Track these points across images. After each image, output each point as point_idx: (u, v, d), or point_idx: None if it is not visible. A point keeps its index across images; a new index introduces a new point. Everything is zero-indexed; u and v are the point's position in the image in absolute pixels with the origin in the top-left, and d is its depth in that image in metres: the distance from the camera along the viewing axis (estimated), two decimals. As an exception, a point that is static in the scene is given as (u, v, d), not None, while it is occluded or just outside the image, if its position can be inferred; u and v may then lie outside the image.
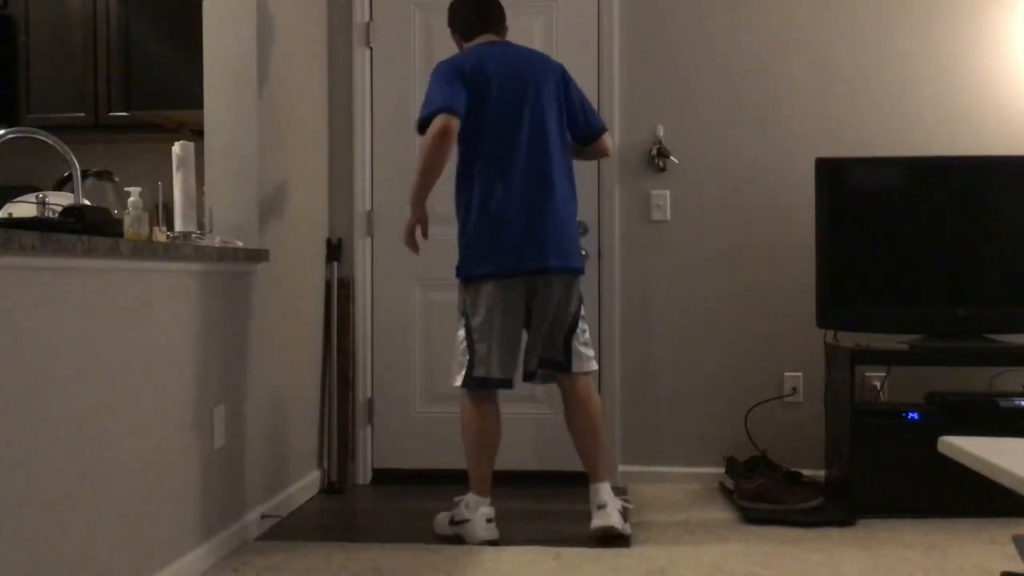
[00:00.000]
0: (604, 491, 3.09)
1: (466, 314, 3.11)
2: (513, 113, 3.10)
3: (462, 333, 3.11)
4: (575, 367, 3.13)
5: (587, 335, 3.19)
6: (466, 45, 3.27)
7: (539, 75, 3.17)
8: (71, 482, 2.14)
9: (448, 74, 3.07)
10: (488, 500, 3.13)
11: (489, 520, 3.10)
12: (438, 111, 3.00)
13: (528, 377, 3.23)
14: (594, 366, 3.20)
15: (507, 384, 3.14)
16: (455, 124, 3.01)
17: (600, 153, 3.38)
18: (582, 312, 3.19)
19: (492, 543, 3.05)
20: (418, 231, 3.20)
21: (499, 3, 3.31)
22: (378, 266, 4.06)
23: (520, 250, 3.06)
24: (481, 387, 3.11)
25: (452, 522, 3.13)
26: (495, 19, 3.28)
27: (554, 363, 3.16)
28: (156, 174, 3.14)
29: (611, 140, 3.38)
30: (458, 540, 3.08)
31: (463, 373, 3.09)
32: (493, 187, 3.07)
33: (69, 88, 4.05)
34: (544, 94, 3.15)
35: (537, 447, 3.96)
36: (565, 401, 3.20)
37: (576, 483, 3.79)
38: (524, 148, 3.09)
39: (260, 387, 3.26)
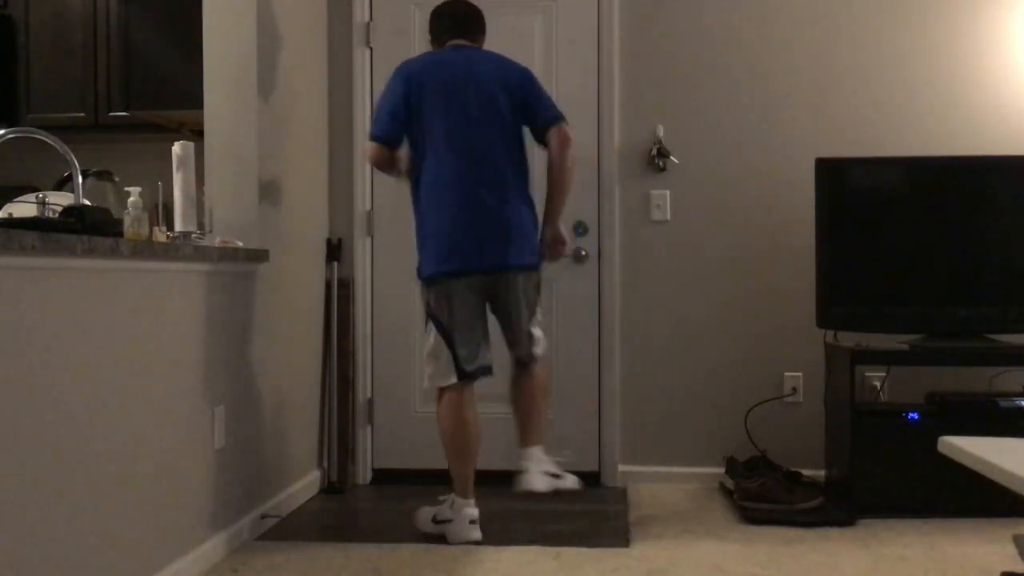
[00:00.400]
0: (530, 456, 3.16)
1: (434, 312, 3.13)
2: (453, 117, 3.11)
3: (434, 333, 3.12)
4: (537, 352, 3.22)
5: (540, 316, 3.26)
6: (437, 47, 3.30)
7: (486, 80, 3.15)
8: (70, 482, 2.14)
9: (392, 88, 3.16)
10: (472, 501, 3.14)
11: (472, 521, 3.11)
12: (372, 137, 3.18)
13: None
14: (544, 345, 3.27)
15: (490, 370, 3.20)
16: (383, 153, 3.16)
17: (560, 146, 3.14)
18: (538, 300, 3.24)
19: (475, 543, 3.07)
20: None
21: (477, 11, 3.30)
22: (378, 266, 4.06)
23: (479, 249, 3.08)
24: (471, 379, 3.13)
25: (435, 520, 3.16)
26: (467, 27, 3.28)
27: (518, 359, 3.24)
28: (156, 174, 3.14)
29: (569, 130, 3.17)
30: (440, 539, 3.09)
31: (454, 370, 3.10)
32: (437, 190, 3.11)
33: (69, 88, 4.04)
34: (489, 98, 3.12)
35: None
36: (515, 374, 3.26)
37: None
38: (466, 150, 3.10)
39: (260, 387, 3.26)
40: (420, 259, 3.19)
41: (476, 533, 3.10)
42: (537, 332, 3.22)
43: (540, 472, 3.12)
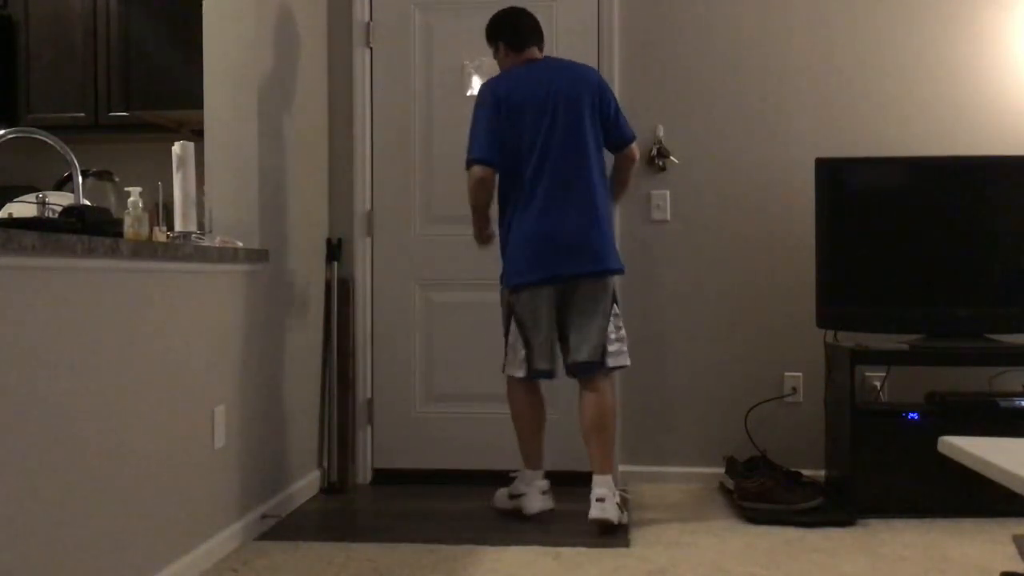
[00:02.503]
0: (604, 483, 3.23)
1: (515, 315, 3.29)
2: (548, 129, 3.25)
3: (516, 330, 3.30)
4: (610, 362, 3.29)
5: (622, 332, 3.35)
6: (510, 57, 3.39)
7: (573, 92, 3.29)
8: (71, 482, 2.14)
9: (487, 109, 3.27)
10: (541, 473, 3.39)
11: (544, 492, 3.37)
12: (476, 161, 3.26)
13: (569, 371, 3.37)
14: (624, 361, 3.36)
15: (553, 373, 3.36)
16: (490, 176, 3.27)
17: (628, 160, 3.46)
18: (615, 311, 3.31)
19: (549, 512, 3.35)
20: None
21: (536, 19, 3.44)
22: (378, 266, 4.06)
23: (562, 257, 3.23)
24: (536, 378, 3.34)
25: (511, 496, 3.41)
26: (538, 37, 3.42)
27: (582, 363, 3.29)
28: (156, 174, 3.15)
29: (636, 148, 3.48)
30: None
31: (524, 368, 3.29)
32: (530, 205, 3.24)
33: (69, 88, 4.05)
34: (578, 111, 3.28)
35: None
36: (583, 393, 3.33)
37: (576, 483, 3.79)
38: (560, 166, 3.25)
39: (260, 387, 3.26)
40: (508, 266, 3.32)
41: (549, 502, 3.37)
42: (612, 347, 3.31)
43: (615, 503, 3.24)
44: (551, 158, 3.24)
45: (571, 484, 3.76)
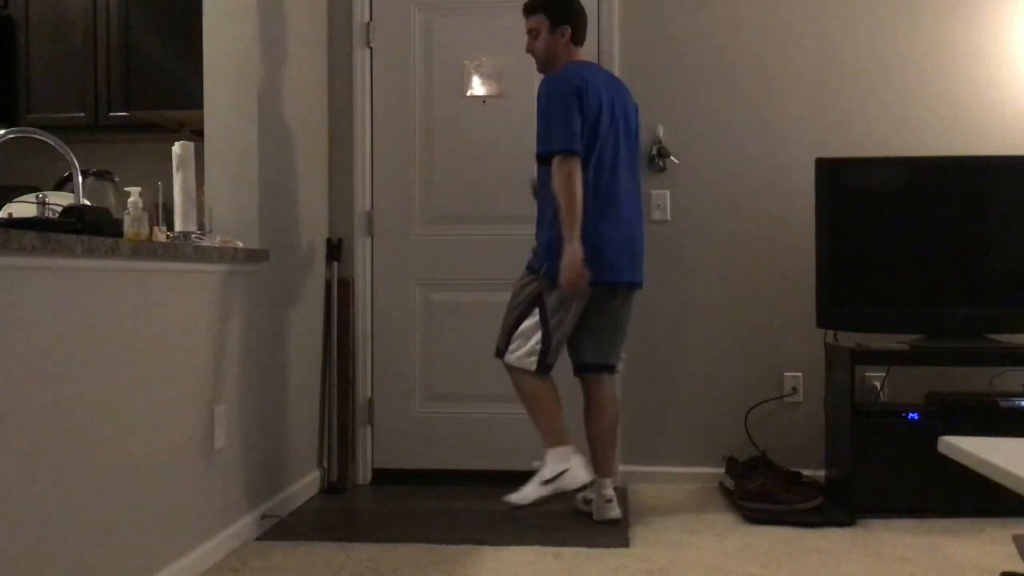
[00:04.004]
0: (610, 484, 3.36)
1: (545, 308, 3.24)
2: (615, 137, 3.28)
3: (535, 323, 3.24)
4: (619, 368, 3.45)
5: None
6: (569, 47, 3.32)
7: (628, 104, 3.39)
8: (71, 482, 2.14)
9: (568, 101, 3.17)
10: (572, 447, 3.27)
11: (585, 465, 3.27)
12: (563, 152, 3.13)
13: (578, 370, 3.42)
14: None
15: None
16: (578, 165, 3.15)
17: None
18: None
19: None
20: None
21: None
22: (378, 266, 4.06)
23: (619, 264, 3.25)
24: (547, 371, 3.30)
25: (546, 482, 3.22)
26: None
27: (603, 365, 3.37)
28: (156, 174, 3.14)
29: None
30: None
31: (536, 360, 3.24)
32: (596, 205, 3.19)
33: (69, 88, 4.05)
34: (631, 121, 3.38)
35: (537, 447, 3.94)
36: (590, 396, 3.38)
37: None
38: (622, 169, 3.28)
39: (260, 387, 3.26)
40: (553, 263, 3.18)
41: (590, 473, 3.28)
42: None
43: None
44: (615, 167, 3.25)
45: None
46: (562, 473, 3.22)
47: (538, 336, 3.24)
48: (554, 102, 3.18)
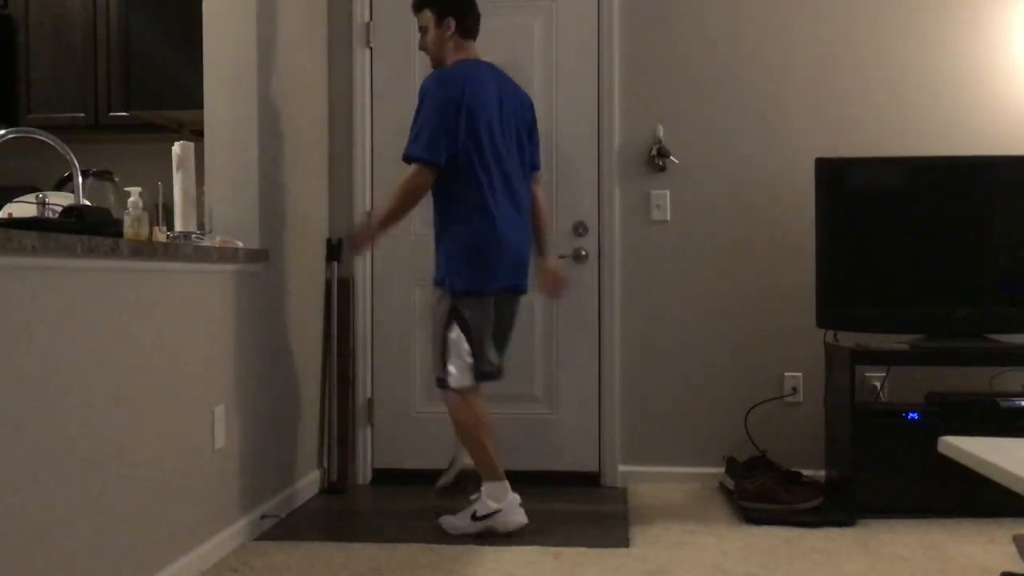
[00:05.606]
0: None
1: (464, 319, 3.15)
2: (505, 139, 3.23)
3: (458, 335, 3.16)
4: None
5: None
6: (456, 41, 3.25)
7: (523, 100, 3.37)
8: (71, 482, 2.14)
9: (443, 106, 3.11)
10: (508, 484, 3.18)
11: (520, 504, 3.19)
12: (421, 161, 3.11)
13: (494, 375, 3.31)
14: None
15: (501, 373, 3.31)
16: (432, 179, 3.14)
17: (533, 194, 3.40)
18: None
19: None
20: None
21: None
22: (378, 266, 4.06)
23: (513, 270, 3.23)
24: (485, 380, 3.23)
25: (477, 518, 3.16)
26: (478, 31, 3.36)
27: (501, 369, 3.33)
28: (156, 174, 3.14)
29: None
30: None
31: (471, 372, 3.17)
32: (494, 209, 3.16)
33: (69, 88, 4.05)
34: (526, 117, 3.36)
35: (536, 447, 3.95)
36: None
37: (576, 483, 3.81)
38: (514, 179, 3.25)
39: (260, 387, 3.26)
40: (460, 272, 3.16)
41: (525, 516, 3.18)
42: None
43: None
44: (507, 169, 3.21)
45: (571, 484, 3.77)
46: (493, 513, 3.15)
47: (466, 347, 3.15)
48: (430, 108, 3.13)
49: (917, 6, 3.88)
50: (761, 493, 3.41)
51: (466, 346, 3.16)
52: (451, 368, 3.17)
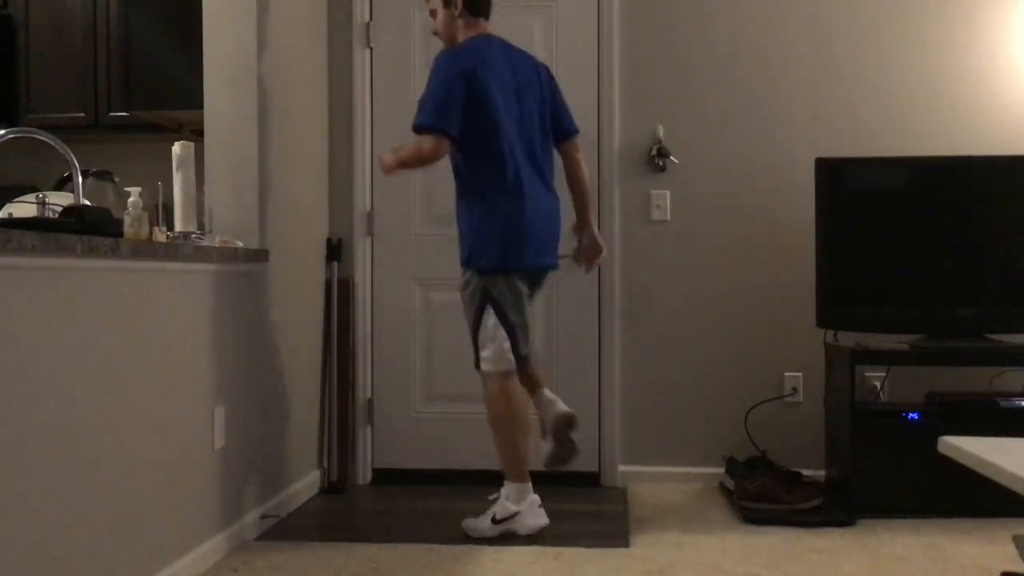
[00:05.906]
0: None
1: (497, 301, 3.11)
2: (521, 112, 3.16)
3: (494, 321, 3.11)
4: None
5: None
6: (466, 18, 3.18)
7: (539, 71, 3.29)
8: (71, 482, 2.14)
9: (451, 78, 3.05)
10: (530, 485, 3.14)
11: (540, 506, 3.15)
12: (434, 130, 3.04)
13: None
14: None
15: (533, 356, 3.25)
16: (446, 148, 3.08)
17: (570, 160, 3.36)
18: None
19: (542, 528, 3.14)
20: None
21: None
22: (378, 266, 4.06)
23: (541, 246, 3.18)
24: (525, 363, 3.17)
25: (496, 521, 3.12)
26: (490, 6, 3.27)
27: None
28: (156, 174, 3.14)
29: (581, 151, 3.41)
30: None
31: (507, 354, 3.11)
32: (518, 184, 3.10)
33: (69, 88, 4.05)
34: (543, 89, 3.27)
35: (536, 447, 3.94)
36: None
37: (576, 483, 3.80)
38: (534, 146, 3.19)
39: (260, 387, 3.26)
40: (486, 250, 3.11)
41: (544, 517, 3.15)
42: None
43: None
44: (529, 142, 3.16)
45: (571, 484, 3.77)
46: (512, 516, 3.11)
47: (502, 332, 3.11)
48: (439, 81, 3.07)
49: (917, 6, 3.88)
50: (761, 493, 3.41)
51: (500, 328, 3.11)
52: (484, 352, 3.14)
